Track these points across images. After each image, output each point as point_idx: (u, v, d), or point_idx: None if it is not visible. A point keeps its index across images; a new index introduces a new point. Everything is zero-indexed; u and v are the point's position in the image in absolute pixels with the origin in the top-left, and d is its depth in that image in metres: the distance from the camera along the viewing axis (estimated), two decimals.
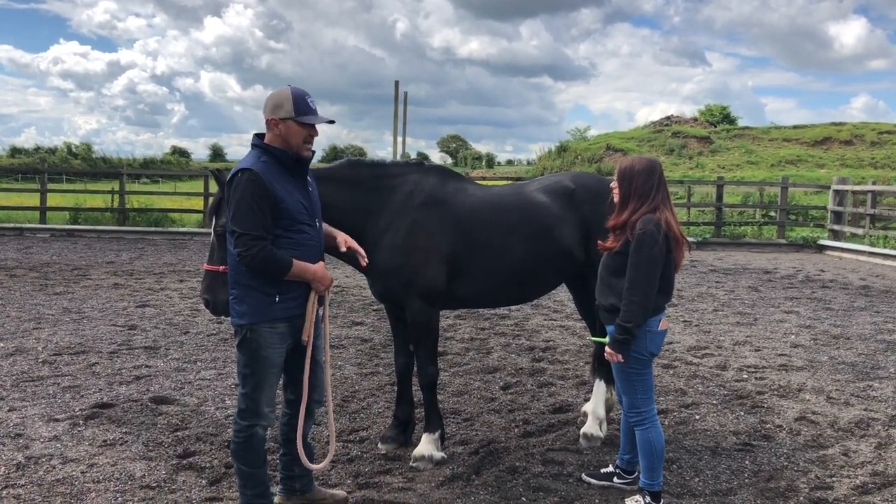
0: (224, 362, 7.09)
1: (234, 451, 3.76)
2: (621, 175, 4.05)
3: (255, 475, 3.77)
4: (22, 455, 4.74)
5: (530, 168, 51.42)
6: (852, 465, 4.86)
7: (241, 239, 3.51)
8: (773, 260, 16.63)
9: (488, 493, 4.35)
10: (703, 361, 7.43)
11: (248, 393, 3.71)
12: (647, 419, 4.07)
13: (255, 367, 3.68)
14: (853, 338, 8.56)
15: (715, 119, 51.06)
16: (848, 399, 6.24)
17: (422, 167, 4.92)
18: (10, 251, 15.27)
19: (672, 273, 4.07)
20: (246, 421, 3.72)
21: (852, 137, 42.28)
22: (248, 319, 3.64)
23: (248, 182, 3.53)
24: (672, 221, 3.95)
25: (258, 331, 3.64)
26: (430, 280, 4.60)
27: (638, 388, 4.07)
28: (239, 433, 3.73)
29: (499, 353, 7.72)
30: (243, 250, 3.51)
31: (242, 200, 3.52)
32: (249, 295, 3.64)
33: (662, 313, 4.05)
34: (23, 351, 7.29)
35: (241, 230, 3.51)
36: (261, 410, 3.72)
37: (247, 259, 3.52)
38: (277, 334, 3.69)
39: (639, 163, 4.05)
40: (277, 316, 3.66)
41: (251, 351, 3.66)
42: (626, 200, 4.01)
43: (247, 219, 3.51)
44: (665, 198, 4.01)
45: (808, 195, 26.07)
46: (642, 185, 3.97)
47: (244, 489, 3.79)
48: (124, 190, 20.88)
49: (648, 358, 4.05)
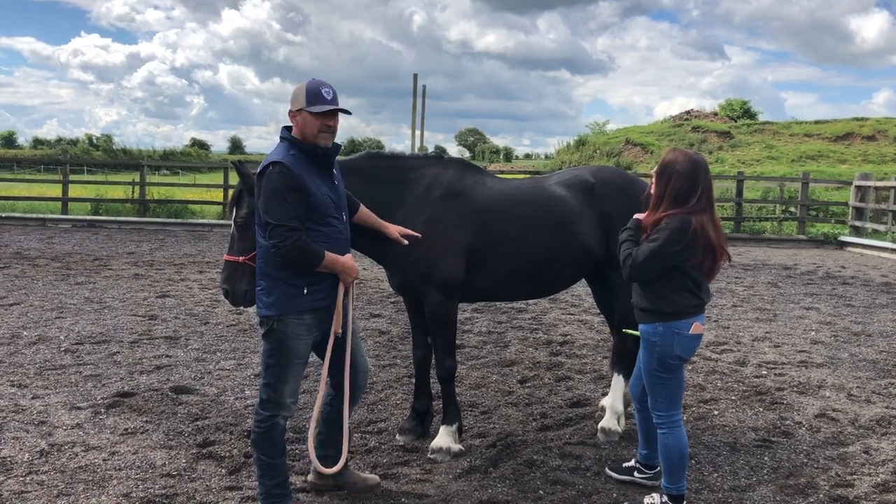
0: (243, 353, 7.14)
1: (254, 441, 3.79)
2: (661, 170, 3.81)
3: (275, 465, 3.80)
4: (45, 442, 4.80)
5: (548, 162, 51.28)
6: (873, 462, 4.82)
7: (276, 230, 3.55)
8: (793, 256, 16.49)
9: (506, 486, 4.36)
10: (722, 357, 7.38)
11: (271, 383, 3.74)
12: (666, 423, 3.94)
13: (281, 357, 3.72)
14: (874, 335, 8.48)
15: (735, 114, 50.63)
16: (869, 396, 6.19)
17: (441, 160, 4.92)
18: (33, 241, 15.44)
19: (700, 275, 3.83)
20: (267, 411, 3.75)
21: (875, 133, 41.73)
22: (276, 311, 3.68)
23: (280, 174, 3.58)
24: (710, 228, 3.70)
25: (286, 322, 3.69)
26: (448, 272, 4.61)
27: (659, 392, 3.93)
28: (260, 423, 3.76)
29: (516, 346, 7.72)
30: (279, 241, 3.54)
31: (276, 192, 3.57)
32: (277, 286, 3.68)
33: (696, 317, 3.83)
34: (45, 340, 7.38)
35: (275, 222, 3.55)
36: (283, 401, 3.75)
37: (283, 250, 3.56)
38: (304, 325, 3.73)
39: (682, 162, 3.76)
40: (305, 307, 3.71)
41: (277, 341, 3.70)
42: (660, 200, 3.79)
43: (280, 210, 3.56)
44: (707, 203, 3.74)
45: (829, 191, 25.77)
46: (679, 188, 3.72)
47: (263, 479, 3.81)
48: (145, 181, 21.04)
49: (676, 362, 3.86)
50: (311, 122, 3.70)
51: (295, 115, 3.73)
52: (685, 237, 3.68)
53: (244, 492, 4.18)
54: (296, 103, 3.72)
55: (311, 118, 3.70)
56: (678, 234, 3.68)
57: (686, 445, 3.98)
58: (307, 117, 3.70)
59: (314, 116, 3.70)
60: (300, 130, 3.74)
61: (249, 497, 4.11)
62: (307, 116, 3.70)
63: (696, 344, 3.92)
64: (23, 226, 18.46)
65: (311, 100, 3.69)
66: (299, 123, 3.73)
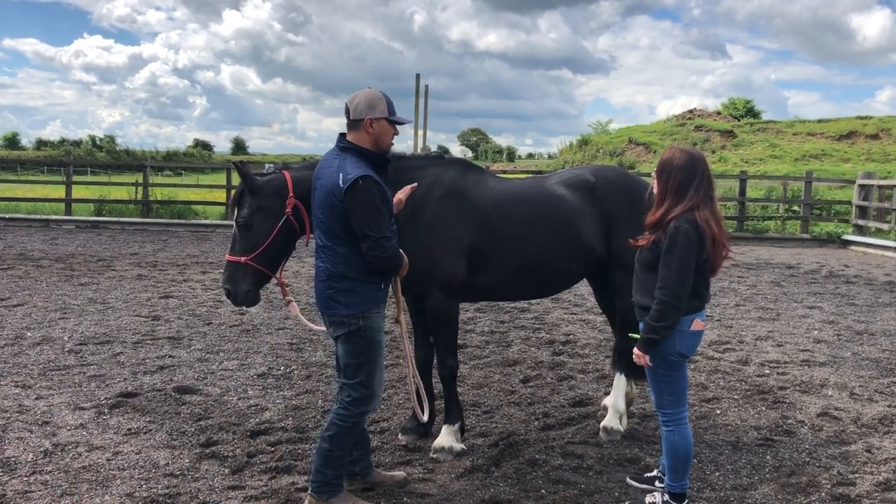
0: (246, 353, 7.16)
1: (333, 437, 3.87)
2: (660, 168, 3.87)
3: (343, 458, 3.95)
4: (49, 442, 4.82)
5: (551, 162, 51.26)
6: (875, 461, 4.82)
7: (377, 242, 3.69)
8: (796, 255, 16.48)
9: (508, 485, 4.37)
10: (725, 356, 7.39)
11: (363, 381, 3.84)
12: (671, 421, 3.94)
13: (371, 353, 3.84)
14: (877, 334, 8.47)
15: (738, 113, 50.49)
16: (871, 395, 6.19)
17: (442, 160, 4.94)
18: (37, 242, 15.49)
19: (708, 275, 3.87)
20: (359, 408, 3.86)
21: (878, 131, 41.60)
22: (361, 308, 3.80)
23: (374, 187, 3.70)
24: (712, 221, 3.76)
25: (371, 317, 3.82)
26: (449, 272, 4.63)
27: (664, 389, 3.92)
28: (348, 418, 3.86)
29: (519, 346, 7.73)
30: (380, 253, 3.70)
31: (373, 206, 3.69)
32: (359, 286, 3.80)
33: (697, 314, 3.85)
34: (49, 340, 7.41)
35: (376, 234, 3.70)
36: (375, 395, 3.91)
37: (382, 261, 3.73)
38: (382, 317, 3.91)
39: (679, 157, 3.83)
40: (381, 300, 3.89)
41: (365, 338, 3.82)
42: (664, 196, 3.83)
43: (379, 223, 3.71)
44: (707, 195, 3.80)
45: (833, 190, 25.74)
46: (680, 181, 3.77)
47: (325, 469, 3.89)
48: (148, 182, 21.06)
49: (678, 359, 3.87)
50: (388, 131, 3.89)
51: (372, 121, 3.82)
52: (694, 235, 3.70)
53: (247, 491, 4.20)
54: (375, 111, 3.82)
55: (389, 127, 3.88)
56: (689, 234, 3.70)
57: (691, 444, 3.98)
58: (386, 126, 3.87)
59: (391, 125, 3.88)
60: (375, 138, 3.86)
61: (252, 496, 4.13)
62: (386, 125, 3.87)
63: (697, 341, 3.93)
64: (26, 227, 18.51)
65: (392, 111, 3.87)
66: (375, 130, 3.84)
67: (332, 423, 3.89)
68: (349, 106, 3.86)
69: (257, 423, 5.26)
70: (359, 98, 3.85)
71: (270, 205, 4.19)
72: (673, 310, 3.72)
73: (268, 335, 7.89)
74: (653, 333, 3.76)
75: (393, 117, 3.88)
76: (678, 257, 3.70)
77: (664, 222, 3.78)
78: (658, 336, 3.76)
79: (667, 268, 3.72)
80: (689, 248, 3.70)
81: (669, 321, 3.73)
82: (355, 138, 3.86)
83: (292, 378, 6.42)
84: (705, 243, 3.74)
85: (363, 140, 3.85)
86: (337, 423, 3.87)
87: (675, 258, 3.70)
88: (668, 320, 3.72)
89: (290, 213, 4.16)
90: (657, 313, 3.73)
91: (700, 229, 3.71)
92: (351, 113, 3.85)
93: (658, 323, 3.73)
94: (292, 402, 5.77)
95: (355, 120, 3.84)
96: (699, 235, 3.71)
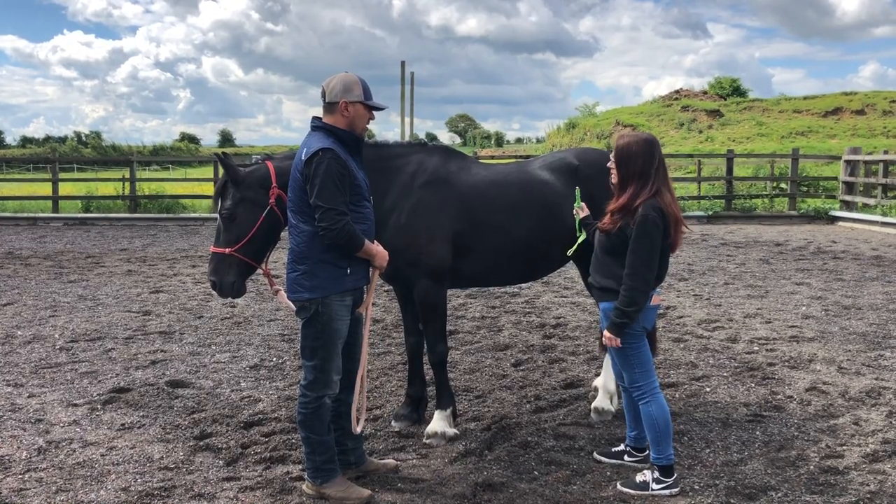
0: (238, 345, 7.17)
1: (302, 422, 3.93)
2: (619, 156, 4.02)
3: (324, 442, 3.96)
4: (43, 439, 4.83)
5: (540, 146, 51.25)
6: (863, 433, 4.89)
7: (326, 213, 3.69)
8: (784, 232, 16.56)
9: (501, 468, 4.41)
10: (714, 334, 7.44)
11: (317, 365, 3.88)
12: (646, 393, 4.08)
13: (326, 339, 3.87)
14: (864, 308, 8.55)
15: (725, 92, 50.54)
16: (859, 369, 6.25)
17: (425, 147, 4.95)
18: (25, 241, 15.41)
19: (668, 255, 4.09)
20: (315, 392, 3.89)
21: (864, 107, 41.78)
22: (321, 293, 3.81)
23: (332, 160, 3.72)
24: (671, 202, 3.95)
25: (329, 304, 3.83)
26: (435, 259, 4.64)
27: (634, 363, 4.08)
28: (308, 404, 3.90)
29: (510, 330, 7.76)
30: (329, 224, 3.69)
31: (328, 178, 3.70)
32: (321, 268, 3.81)
33: (654, 290, 4.07)
34: (40, 338, 7.39)
35: (327, 205, 3.69)
36: (331, 380, 3.92)
37: (332, 233, 3.70)
38: (345, 306, 3.90)
39: (636, 143, 3.99)
40: (348, 287, 3.88)
41: (322, 324, 3.84)
42: (626, 182, 3.98)
43: (332, 195, 3.70)
44: (664, 177, 3.98)
45: (820, 166, 25.85)
46: (641, 165, 3.94)
47: (313, 455, 3.95)
48: (135, 177, 20.93)
49: (641, 332, 4.07)
50: (364, 115, 3.93)
51: (347, 105, 3.86)
52: (661, 222, 3.88)
53: (242, 482, 4.22)
54: (350, 94, 3.86)
55: (364, 111, 3.92)
56: (656, 221, 3.87)
57: (668, 411, 4.12)
58: (361, 109, 3.91)
59: (367, 109, 3.92)
60: (350, 121, 3.90)
61: (247, 487, 4.15)
62: (361, 108, 3.91)
63: (655, 313, 4.23)
64: (14, 225, 18.39)
65: (368, 95, 3.92)
66: (351, 114, 3.88)
67: (297, 409, 3.99)
68: (325, 88, 3.91)
69: (250, 415, 5.28)
70: (335, 81, 3.89)
71: (254, 196, 4.20)
72: (642, 294, 3.92)
73: (259, 327, 7.90)
74: (624, 318, 3.92)
75: (369, 101, 3.92)
76: (647, 246, 3.88)
77: (632, 207, 3.92)
78: (629, 320, 3.93)
79: (635, 255, 3.89)
80: (657, 236, 3.89)
81: (639, 305, 3.92)
82: (330, 121, 3.90)
83: (284, 369, 6.43)
84: (669, 228, 3.94)
85: (338, 123, 3.89)
86: (301, 409, 3.95)
87: (643, 246, 3.88)
88: (638, 304, 3.91)
89: (273, 203, 4.17)
90: (627, 298, 3.91)
91: (665, 215, 3.89)
92: (326, 95, 3.90)
93: (629, 308, 3.91)
94: (285, 392, 5.79)
95: (331, 102, 3.89)
96: (664, 221, 3.89)
